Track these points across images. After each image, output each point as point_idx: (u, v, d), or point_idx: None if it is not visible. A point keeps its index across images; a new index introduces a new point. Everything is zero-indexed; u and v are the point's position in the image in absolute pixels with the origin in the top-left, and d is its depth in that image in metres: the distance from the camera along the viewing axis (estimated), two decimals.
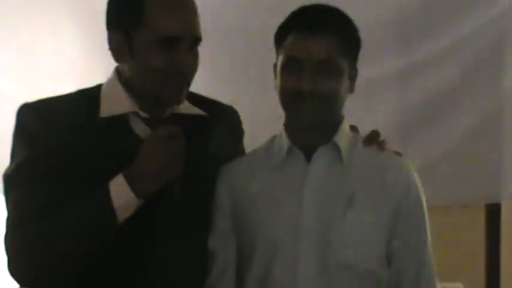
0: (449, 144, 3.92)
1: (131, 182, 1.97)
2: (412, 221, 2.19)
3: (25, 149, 2.10)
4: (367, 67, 3.93)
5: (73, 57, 3.69)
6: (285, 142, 2.20)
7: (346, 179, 2.16)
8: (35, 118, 2.11)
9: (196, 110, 2.23)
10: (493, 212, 4.06)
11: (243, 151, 2.43)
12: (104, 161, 2.03)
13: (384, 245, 2.16)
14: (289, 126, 2.22)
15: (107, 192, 1.98)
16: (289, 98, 2.13)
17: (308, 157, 2.18)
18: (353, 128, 2.31)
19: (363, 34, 3.88)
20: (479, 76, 3.90)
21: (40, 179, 2.05)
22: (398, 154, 2.31)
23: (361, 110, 3.88)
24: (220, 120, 2.30)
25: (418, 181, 2.23)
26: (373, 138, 2.27)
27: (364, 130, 2.34)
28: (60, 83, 3.51)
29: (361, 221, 2.13)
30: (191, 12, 2.09)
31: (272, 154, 2.23)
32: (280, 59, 2.15)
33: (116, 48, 2.12)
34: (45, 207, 2.01)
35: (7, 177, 2.10)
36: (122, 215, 1.98)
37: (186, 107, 2.21)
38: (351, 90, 2.21)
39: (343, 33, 2.15)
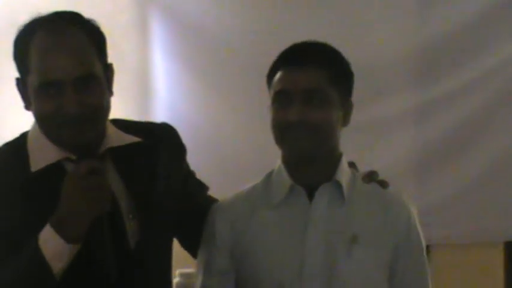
0: (467, 182, 3.91)
1: (58, 228, 1.86)
2: (412, 259, 2.17)
3: None
4: (385, 103, 4.01)
5: None
6: (286, 179, 2.18)
7: (349, 218, 2.15)
8: None
9: (129, 138, 2.13)
10: None
11: (187, 167, 2.33)
12: (44, 215, 1.90)
13: (386, 283, 2.15)
14: (286, 161, 2.19)
15: (37, 244, 1.87)
16: (279, 131, 2.12)
17: (310, 194, 2.16)
18: (351, 165, 2.29)
19: (381, 70, 3.96)
20: (498, 112, 3.90)
21: None
22: (400, 192, 2.27)
23: (379, 146, 3.90)
24: (158, 140, 2.21)
25: (417, 220, 2.21)
26: (372, 176, 2.25)
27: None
28: None
29: (365, 260, 2.11)
30: (71, 52, 1.97)
31: (272, 191, 2.21)
32: (271, 96, 2.15)
33: (21, 95, 2.05)
34: None
35: None
36: (58, 265, 1.88)
37: (118, 138, 2.11)
38: (345, 122, 2.19)
39: (331, 65, 2.14)
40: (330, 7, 3.97)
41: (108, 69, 2.07)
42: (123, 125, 2.16)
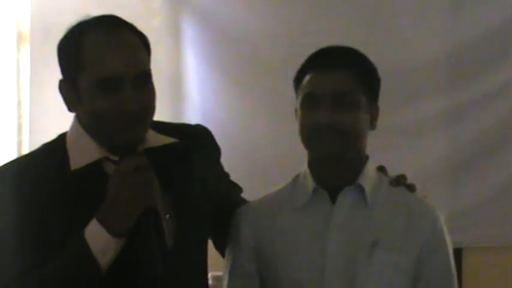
0: (499, 184, 3.90)
1: (104, 222, 1.90)
2: (437, 265, 2.16)
3: None
4: (418, 106, 4.00)
5: None
6: (310, 182, 2.18)
7: (371, 221, 2.15)
8: (1, 186, 2.03)
9: (166, 139, 2.15)
10: None
11: (221, 169, 2.36)
12: (84, 213, 1.94)
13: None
14: (312, 164, 2.21)
15: (83, 239, 1.91)
16: (308, 134, 2.14)
17: (333, 198, 2.16)
18: (381, 169, 2.29)
19: (413, 73, 3.96)
20: None
21: (13, 249, 1.98)
22: (425, 198, 2.26)
23: (412, 149, 3.89)
24: (194, 141, 2.23)
25: (443, 224, 2.20)
26: (400, 180, 2.25)
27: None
28: None
29: (386, 264, 2.12)
30: (130, 49, 2.01)
31: (296, 194, 2.23)
32: (299, 98, 2.17)
33: (66, 97, 2.05)
34: (23, 276, 1.93)
35: None
36: (104, 259, 1.91)
37: (155, 139, 2.12)
38: (373, 126, 2.20)
39: (359, 69, 2.16)
40: (362, 10, 3.99)
41: None
42: (158, 126, 2.17)
